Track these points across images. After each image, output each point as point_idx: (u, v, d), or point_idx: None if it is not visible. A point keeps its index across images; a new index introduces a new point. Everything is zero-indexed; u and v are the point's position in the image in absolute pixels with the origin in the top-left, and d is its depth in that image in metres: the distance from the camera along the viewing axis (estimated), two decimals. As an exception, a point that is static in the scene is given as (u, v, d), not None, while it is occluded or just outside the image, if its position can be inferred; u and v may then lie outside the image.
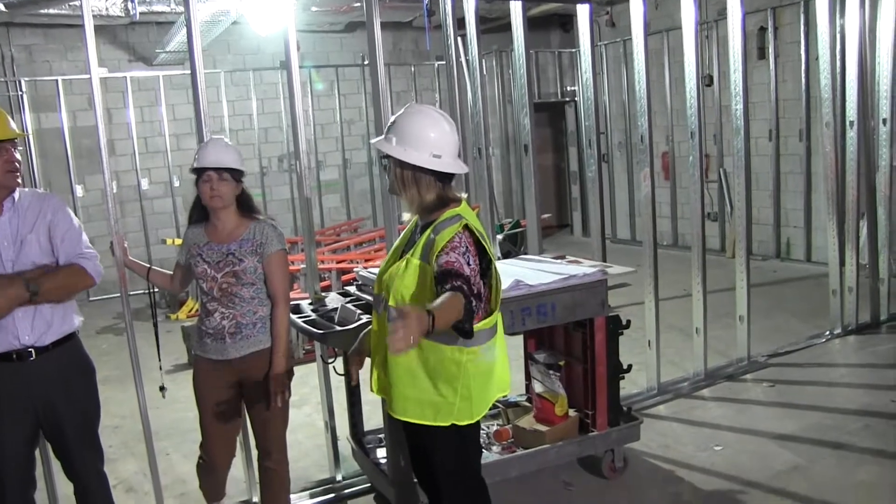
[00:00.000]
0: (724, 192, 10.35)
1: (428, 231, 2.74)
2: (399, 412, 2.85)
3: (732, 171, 6.13)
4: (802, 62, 9.22)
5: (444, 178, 2.79)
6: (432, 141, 2.72)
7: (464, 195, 2.87)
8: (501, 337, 2.97)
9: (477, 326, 2.70)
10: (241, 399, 3.61)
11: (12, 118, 3.17)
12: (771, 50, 9.61)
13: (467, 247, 2.62)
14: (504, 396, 3.18)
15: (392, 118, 2.82)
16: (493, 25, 10.71)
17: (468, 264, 2.59)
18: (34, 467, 3.33)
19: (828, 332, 6.51)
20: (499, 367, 2.92)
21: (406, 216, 2.99)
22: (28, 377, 3.08)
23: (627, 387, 5.08)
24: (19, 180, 3.15)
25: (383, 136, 2.81)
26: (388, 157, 2.78)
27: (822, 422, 4.82)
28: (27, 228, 3.13)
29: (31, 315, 3.07)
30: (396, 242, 2.99)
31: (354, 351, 3.19)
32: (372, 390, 2.99)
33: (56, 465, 3.53)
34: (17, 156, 3.12)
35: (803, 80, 9.24)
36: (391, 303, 2.73)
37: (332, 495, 4.32)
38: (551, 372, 4.15)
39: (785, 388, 5.48)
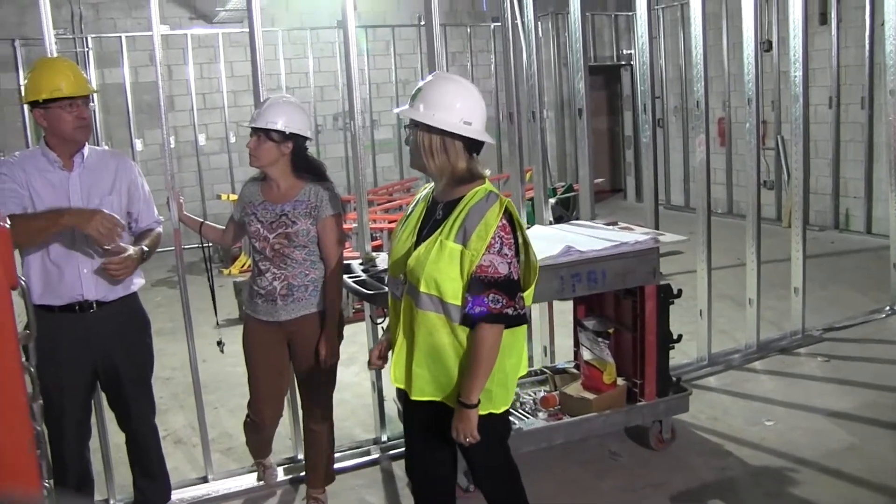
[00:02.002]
0: (782, 159, 10.13)
1: (460, 212, 2.59)
2: (428, 393, 2.70)
3: (790, 139, 5.99)
4: (867, 28, 8.95)
5: (473, 148, 2.69)
6: (462, 107, 2.61)
7: (487, 172, 2.76)
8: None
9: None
10: (290, 359, 3.66)
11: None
12: (833, 15, 9.32)
13: (501, 238, 2.52)
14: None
15: (418, 86, 2.70)
16: (550, -13, 10.56)
17: (506, 257, 2.52)
18: (90, 415, 3.45)
19: (887, 308, 6.34)
20: (525, 344, 2.86)
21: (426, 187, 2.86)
22: (88, 328, 3.19)
23: (677, 357, 5.02)
24: (88, 136, 3.24)
25: (408, 105, 2.67)
26: (413, 126, 2.66)
27: (879, 400, 4.70)
28: (105, 189, 3.23)
29: (96, 275, 3.18)
30: (409, 219, 2.81)
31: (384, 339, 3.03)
32: (392, 381, 2.81)
33: (109, 415, 3.65)
34: (88, 111, 3.19)
35: (867, 46, 8.97)
36: (422, 289, 2.57)
37: (376, 455, 4.36)
38: (600, 339, 4.12)
39: (840, 363, 5.36)
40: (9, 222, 1.09)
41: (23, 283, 1.28)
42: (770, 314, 6.00)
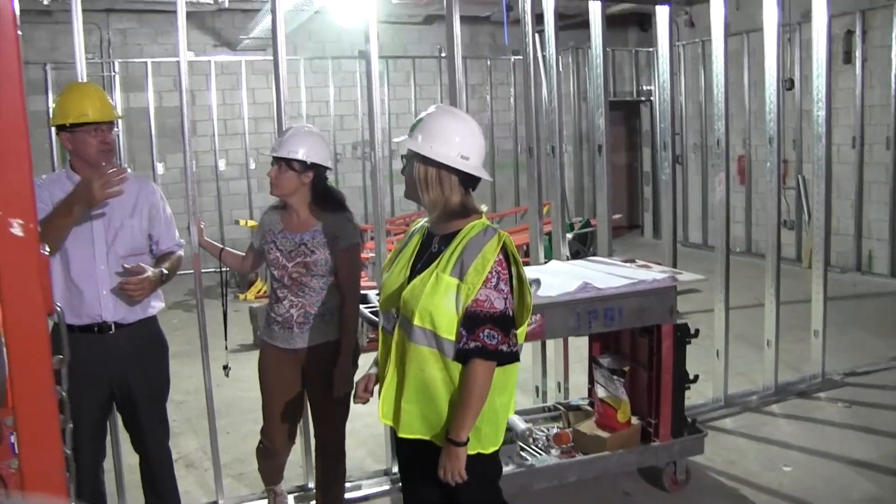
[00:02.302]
0: (802, 199, 10.08)
1: (457, 245, 2.54)
2: (416, 431, 2.63)
3: (812, 179, 5.95)
4: (893, 67, 8.93)
5: (469, 183, 2.62)
6: (460, 141, 2.55)
7: (484, 208, 2.70)
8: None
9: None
10: (305, 387, 3.65)
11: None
12: (858, 54, 9.29)
13: (498, 273, 2.48)
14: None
15: (419, 117, 2.66)
16: (571, 22, 10.61)
17: (502, 292, 2.48)
18: (105, 436, 3.50)
19: (912, 354, 6.24)
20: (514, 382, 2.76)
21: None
22: (106, 350, 3.20)
23: (693, 397, 4.96)
24: (112, 160, 3.27)
25: (408, 135, 2.64)
26: (410, 156, 2.61)
27: (905, 451, 4.59)
28: (126, 212, 3.26)
29: (115, 295, 3.20)
30: (402, 253, 2.75)
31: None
32: (380, 417, 2.71)
33: (123, 436, 3.66)
34: (113, 137, 3.24)
35: (893, 85, 8.95)
36: (416, 322, 2.51)
37: (387, 486, 4.32)
38: (615, 377, 4.08)
39: (863, 410, 5.25)
40: (47, 249, 1.11)
41: (58, 309, 1.31)
42: (789, 357, 5.93)
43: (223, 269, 4.16)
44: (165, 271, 3.28)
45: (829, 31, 5.49)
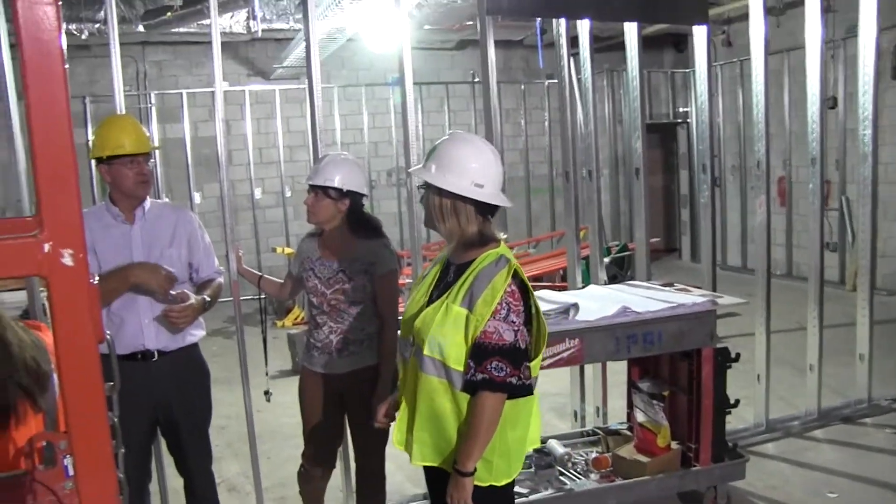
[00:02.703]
0: (846, 220, 9.91)
1: (468, 276, 2.52)
2: (428, 458, 2.61)
3: (857, 200, 5.84)
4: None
5: (486, 211, 2.57)
6: (474, 169, 2.51)
7: (503, 235, 2.68)
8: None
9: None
10: (345, 412, 3.66)
11: (141, 129, 3.38)
12: (908, 69, 9.07)
13: (509, 305, 2.43)
14: (529, 464, 3.02)
15: (433, 146, 2.64)
16: (605, 44, 10.60)
17: (513, 324, 2.43)
18: (150, 460, 3.58)
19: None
20: (534, 417, 2.71)
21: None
22: (150, 377, 3.25)
23: (733, 422, 4.88)
24: (149, 191, 3.35)
25: (422, 165, 2.63)
26: (425, 186, 2.60)
27: (955, 479, 4.46)
28: (166, 241, 3.32)
29: (157, 324, 3.25)
30: (423, 280, 2.75)
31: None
32: (395, 443, 2.74)
33: (168, 460, 3.71)
34: (149, 167, 3.30)
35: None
36: (426, 352, 2.51)
37: (426, 512, 4.30)
38: (655, 402, 4.04)
39: (911, 436, 5.12)
40: (96, 279, 1.15)
41: (108, 337, 1.36)
42: (832, 381, 5.80)
43: (262, 297, 4.19)
44: (208, 298, 3.33)
45: (877, 45, 5.35)
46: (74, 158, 0.96)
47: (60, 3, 0.93)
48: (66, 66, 0.95)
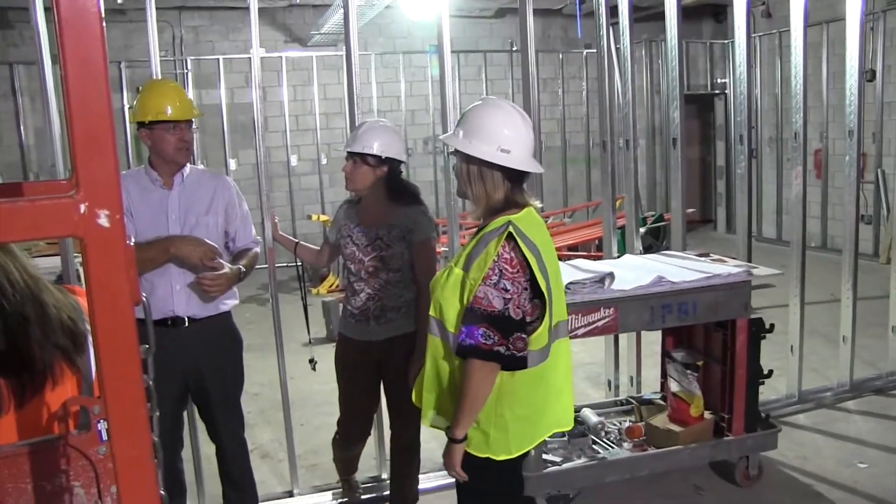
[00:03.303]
0: (882, 193, 9.80)
1: (475, 239, 2.51)
2: (431, 420, 2.64)
3: (893, 173, 5.79)
4: None
5: (514, 177, 2.52)
6: (501, 135, 2.47)
7: (537, 203, 2.61)
8: (562, 363, 2.66)
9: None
10: (381, 380, 3.69)
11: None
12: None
13: (501, 271, 2.37)
14: (568, 433, 2.90)
15: (464, 112, 2.60)
16: (644, 14, 10.50)
17: (505, 292, 2.37)
18: (182, 426, 3.56)
19: None
20: (553, 399, 2.63)
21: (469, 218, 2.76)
22: (180, 343, 3.24)
23: (766, 392, 4.88)
24: (189, 158, 3.36)
25: (452, 131, 2.58)
26: (455, 153, 2.55)
27: None
28: (203, 208, 3.32)
29: (188, 291, 3.26)
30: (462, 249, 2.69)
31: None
32: (413, 400, 2.76)
33: (200, 426, 3.75)
34: (191, 134, 3.31)
35: None
36: (431, 312, 2.53)
37: (459, 477, 4.36)
38: (688, 371, 4.06)
39: (942, 407, 5.11)
40: (132, 240, 1.17)
41: (144, 299, 1.37)
42: (865, 353, 5.80)
43: (298, 264, 4.23)
44: (243, 269, 3.33)
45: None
46: (111, 119, 0.96)
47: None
48: (104, 25, 0.96)
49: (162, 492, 1.20)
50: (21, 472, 1.55)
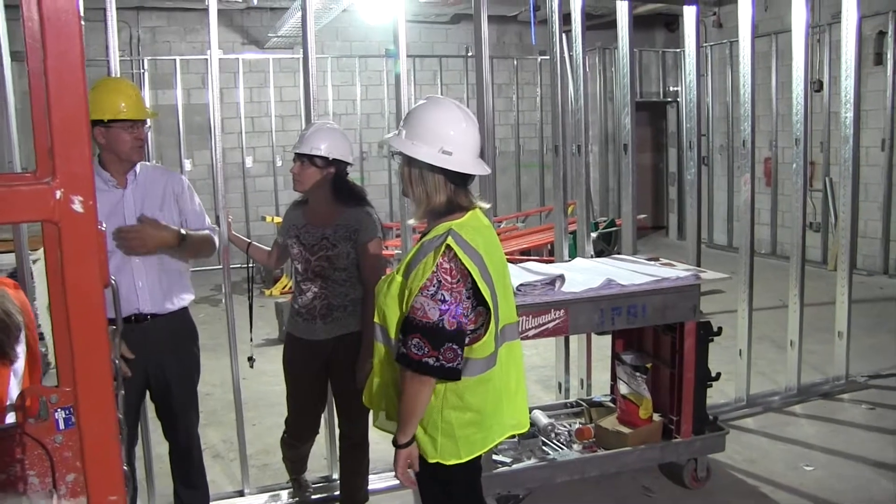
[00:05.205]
0: (829, 201, 10.02)
1: (416, 247, 2.47)
2: (380, 424, 2.68)
3: (839, 181, 5.93)
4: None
5: (458, 179, 2.46)
6: (443, 136, 2.40)
7: (483, 204, 2.56)
8: (514, 366, 2.65)
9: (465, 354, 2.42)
10: (328, 378, 3.71)
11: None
12: (890, 55, 9.16)
13: (440, 282, 2.32)
14: (518, 434, 2.88)
15: (409, 111, 2.56)
16: (598, 22, 10.64)
17: (442, 303, 2.32)
18: (139, 422, 3.60)
19: (937, 357, 6.19)
20: (506, 402, 2.61)
21: (411, 221, 2.70)
22: (143, 338, 3.25)
23: (715, 396, 4.98)
24: (143, 156, 3.35)
25: (395, 131, 2.55)
26: (397, 153, 2.50)
27: (926, 453, 4.58)
28: (156, 205, 3.31)
29: (150, 287, 3.27)
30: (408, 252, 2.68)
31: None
32: (364, 401, 2.75)
33: (154, 425, 3.74)
34: (145, 133, 3.30)
35: (925, 88, 8.81)
36: (375, 318, 2.50)
37: (410, 479, 4.37)
38: (638, 374, 4.12)
39: (886, 412, 5.23)
40: (104, 225, 1.21)
41: (113, 282, 1.41)
42: (812, 358, 5.92)
43: (250, 265, 4.23)
44: (184, 232, 3.28)
45: (858, 31, 5.46)
46: (87, 111, 1.01)
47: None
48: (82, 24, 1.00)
49: (125, 467, 1.21)
50: (-26, 460, 1.56)
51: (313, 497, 4.17)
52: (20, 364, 2.09)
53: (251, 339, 4.49)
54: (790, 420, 5.16)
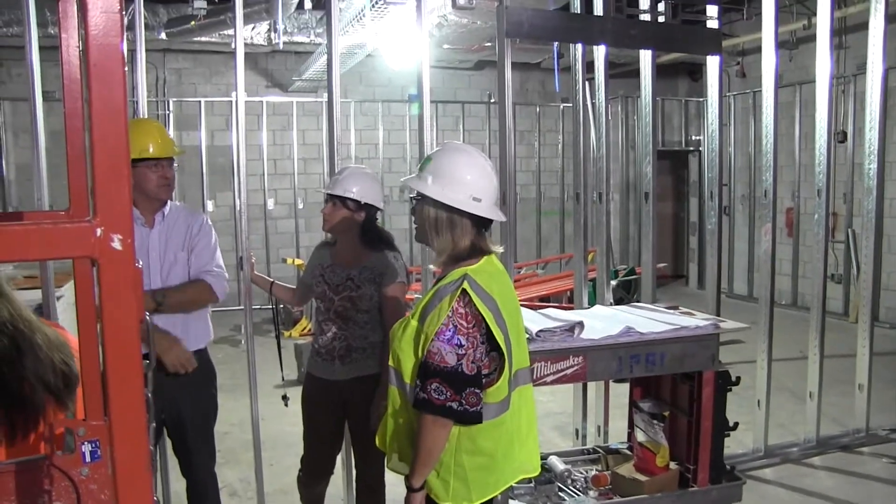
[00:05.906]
0: (852, 253, 9.97)
1: (431, 291, 2.49)
2: (394, 466, 2.66)
3: (861, 232, 5.91)
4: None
5: (482, 224, 2.51)
6: (472, 182, 2.44)
7: (499, 249, 2.58)
8: (525, 410, 2.65)
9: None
10: (345, 420, 3.72)
11: (159, 135, 3.42)
12: (917, 106, 9.13)
13: (456, 327, 2.33)
14: (535, 479, 2.87)
15: (427, 155, 2.59)
16: (621, 71, 10.71)
17: (459, 347, 2.33)
18: (156, 459, 3.62)
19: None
20: (518, 445, 2.61)
21: (432, 266, 2.71)
22: (161, 379, 3.24)
23: (732, 446, 4.94)
24: (171, 194, 3.42)
25: (416, 174, 2.56)
26: (419, 198, 2.51)
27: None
28: (179, 244, 3.37)
29: (169, 327, 3.29)
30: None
31: None
32: (377, 443, 2.74)
33: (171, 463, 3.77)
34: (172, 171, 3.37)
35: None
36: (390, 362, 2.51)
37: (425, 522, 4.34)
38: (655, 422, 4.09)
39: (907, 466, 5.17)
40: (140, 263, 1.26)
41: (147, 317, 1.44)
42: (832, 410, 5.87)
43: (274, 306, 4.27)
44: (159, 297, 3.25)
45: (884, 82, 5.44)
46: (128, 152, 1.06)
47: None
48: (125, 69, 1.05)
49: (156, 497, 1.24)
50: (5, 490, 1.59)
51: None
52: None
53: (283, 378, 4.51)
54: (808, 472, 5.10)
